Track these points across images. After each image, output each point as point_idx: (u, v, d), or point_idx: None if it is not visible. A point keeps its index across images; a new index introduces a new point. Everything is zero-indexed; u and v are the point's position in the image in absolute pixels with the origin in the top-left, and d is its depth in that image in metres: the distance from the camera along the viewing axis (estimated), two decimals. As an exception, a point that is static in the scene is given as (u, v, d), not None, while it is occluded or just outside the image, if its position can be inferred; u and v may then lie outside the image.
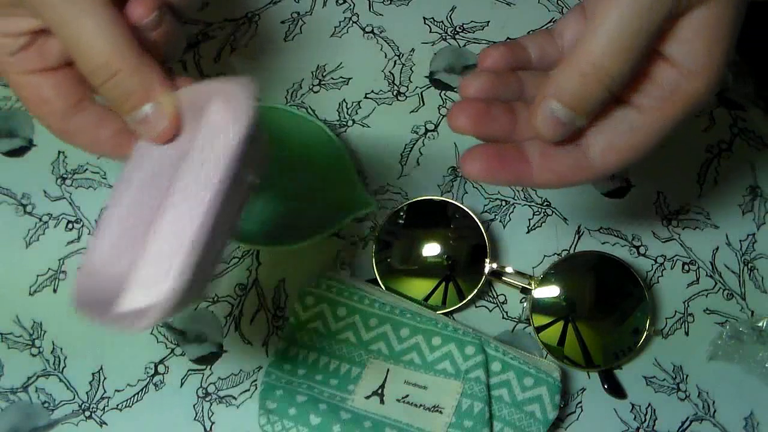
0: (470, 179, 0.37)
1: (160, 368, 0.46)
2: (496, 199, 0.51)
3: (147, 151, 0.33)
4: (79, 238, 0.49)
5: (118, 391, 0.46)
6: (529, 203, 0.51)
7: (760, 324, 0.47)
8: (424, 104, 0.53)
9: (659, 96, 0.33)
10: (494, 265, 0.47)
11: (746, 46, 0.54)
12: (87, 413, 0.45)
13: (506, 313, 0.48)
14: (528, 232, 0.50)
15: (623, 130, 0.34)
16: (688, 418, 0.46)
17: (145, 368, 0.46)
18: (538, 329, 0.47)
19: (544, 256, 0.50)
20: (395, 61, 0.55)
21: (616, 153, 0.34)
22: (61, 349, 0.47)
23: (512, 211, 0.51)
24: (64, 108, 0.35)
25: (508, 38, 0.55)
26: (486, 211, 0.51)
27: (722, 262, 0.50)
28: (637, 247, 0.50)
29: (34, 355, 0.47)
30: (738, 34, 0.32)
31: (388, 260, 0.48)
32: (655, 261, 0.50)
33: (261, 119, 0.31)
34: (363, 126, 0.53)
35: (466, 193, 0.51)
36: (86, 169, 0.51)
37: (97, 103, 0.36)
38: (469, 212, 0.48)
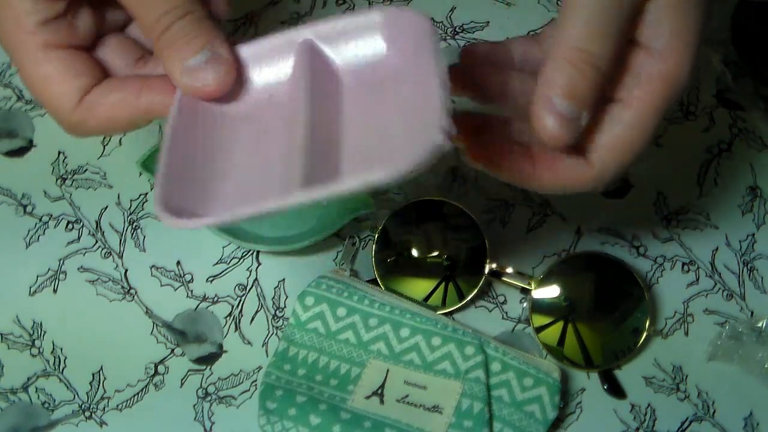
0: (471, 164, 0.35)
1: (160, 368, 0.46)
2: (496, 199, 0.51)
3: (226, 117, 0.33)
4: (79, 238, 0.49)
5: (118, 391, 0.46)
6: (528, 203, 0.51)
7: (760, 324, 0.47)
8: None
9: (638, 85, 0.32)
10: (494, 266, 0.47)
11: (746, 46, 0.54)
12: (87, 413, 0.45)
13: (506, 313, 0.48)
14: (528, 232, 0.50)
15: (615, 128, 0.33)
16: (687, 418, 0.46)
17: (145, 368, 0.46)
18: (538, 329, 0.47)
19: (544, 256, 0.50)
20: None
21: (614, 153, 0.33)
22: (61, 349, 0.47)
23: (512, 212, 0.51)
24: (78, 90, 0.33)
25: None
26: (486, 211, 0.51)
27: (722, 263, 0.50)
28: (637, 248, 0.50)
29: (34, 356, 0.47)
30: (709, 10, 0.32)
31: (388, 260, 0.48)
32: (655, 261, 0.50)
33: None
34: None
35: (466, 193, 0.51)
36: (86, 170, 0.51)
37: (109, 80, 0.34)
38: (469, 212, 0.48)
